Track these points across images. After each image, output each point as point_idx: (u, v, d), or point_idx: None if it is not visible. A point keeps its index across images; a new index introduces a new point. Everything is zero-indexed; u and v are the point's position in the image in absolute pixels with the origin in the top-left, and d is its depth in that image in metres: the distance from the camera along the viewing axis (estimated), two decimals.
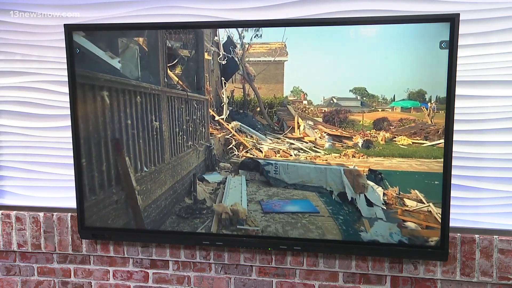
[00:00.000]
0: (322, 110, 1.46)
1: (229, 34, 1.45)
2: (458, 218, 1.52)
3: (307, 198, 1.49)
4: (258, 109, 1.50)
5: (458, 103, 1.41)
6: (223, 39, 1.45)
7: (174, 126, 1.51)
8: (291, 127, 1.50)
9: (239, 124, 1.52)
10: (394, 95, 1.41)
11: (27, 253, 1.79)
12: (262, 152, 1.52)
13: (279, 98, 1.48)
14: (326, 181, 1.47)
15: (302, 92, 1.46)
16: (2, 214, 1.76)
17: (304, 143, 1.50)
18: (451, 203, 1.40)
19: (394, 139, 1.43)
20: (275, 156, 1.51)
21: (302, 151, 1.50)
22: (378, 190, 1.44)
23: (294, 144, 1.51)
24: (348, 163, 1.47)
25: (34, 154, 1.78)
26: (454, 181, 1.45)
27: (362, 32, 1.38)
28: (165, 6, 1.59)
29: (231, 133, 1.52)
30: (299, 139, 1.50)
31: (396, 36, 1.35)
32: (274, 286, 1.64)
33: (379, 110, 1.43)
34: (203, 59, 1.48)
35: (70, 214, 1.71)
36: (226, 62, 1.47)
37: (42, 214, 1.73)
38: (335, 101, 1.46)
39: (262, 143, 1.52)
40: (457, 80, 1.35)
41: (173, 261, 1.70)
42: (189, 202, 1.55)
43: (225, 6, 1.56)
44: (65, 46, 1.52)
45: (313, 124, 1.49)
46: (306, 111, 1.48)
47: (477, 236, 1.47)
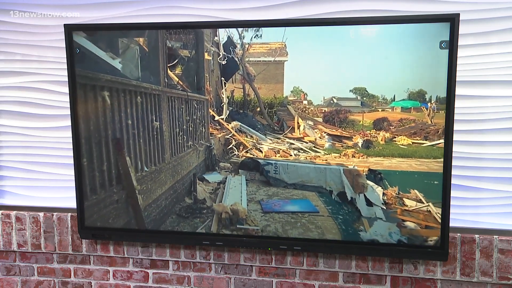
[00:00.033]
0: (322, 110, 1.47)
1: (229, 34, 1.46)
2: (458, 218, 1.54)
3: (307, 197, 1.51)
4: (258, 109, 1.51)
5: (458, 103, 1.42)
6: (223, 39, 1.46)
7: (174, 126, 1.53)
8: (291, 127, 1.51)
9: (239, 124, 1.53)
10: (394, 95, 1.42)
11: (27, 253, 1.80)
12: (262, 152, 1.53)
13: (279, 98, 1.49)
14: (326, 181, 1.49)
15: (302, 92, 1.47)
16: (2, 214, 1.77)
17: (304, 143, 1.51)
18: (451, 203, 1.41)
19: (394, 139, 1.44)
20: (275, 156, 1.52)
21: (302, 151, 1.51)
22: (378, 190, 1.45)
23: (294, 144, 1.52)
24: (348, 163, 1.48)
25: (34, 154, 1.79)
26: (454, 181, 1.46)
27: (362, 32, 1.38)
28: (165, 6, 1.61)
29: (231, 133, 1.54)
30: (299, 139, 1.52)
31: (396, 36, 1.36)
32: (274, 286, 1.66)
33: (379, 110, 1.44)
34: (203, 59, 1.49)
35: (70, 214, 1.73)
36: (226, 62, 1.49)
37: (42, 214, 1.75)
38: (335, 101, 1.47)
39: (262, 143, 1.53)
40: (457, 80, 1.36)
41: (173, 261, 1.71)
42: (189, 201, 1.56)
43: (225, 6, 1.58)
44: (65, 46, 1.53)
45: (313, 124, 1.50)
46: (306, 111, 1.49)
47: (477, 236, 1.48)
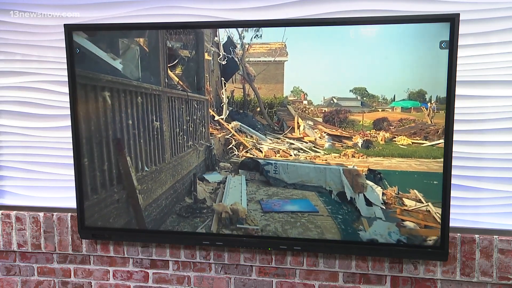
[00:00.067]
0: (322, 110, 1.49)
1: (229, 35, 1.48)
2: (458, 218, 1.56)
3: (307, 197, 1.53)
4: (258, 109, 1.53)
5: (458, 103, 1.44)
6: (223, 40, 1.48)
7: (174, 126, 1.55)
8: (291, 127, 1.53)
9: (239, 124, 1.55)
10: (394, 95, 1.43)
11: (27, 253, 1.83)
12: (262, 152, 1.55)
13: (279, 98, 1.51)
14: (326, 180, 1.51)
15: (302, 92, 1.49)
16: (2, 214, 1.80)
17: (304, 143, 1.54)
18: (451, 203, 1.43)
19: (394, 139, 1.46)
20: (275, 156, 1.55)
21: (302, 151, 1.53)
22: (377, 189, 1.47)
23: (294, 144, 1.54)
24: (347, 163, 1.50)
25: (34, 154, 1.82)
26: (454, 181, 1.48)
27: (362, 32, 1.40)
28: (165, 6, 1.63)
29: (231, 133, 1.57)
30: (299, 139, 1.54)
31: (396, 36, 1.38)
32: (274, 286, 1.68)
33: (379, 110, 1.46)
34: (203, 60, 1.51)
35: (70, 214, 1.75)
36: (226, 62, 1.51)
37: (42, 214, 1.77)
38: (335, 101, 1.49)
39: (262, 143, 1.55)
40: (457, 80, 1.37)
41: (173, 261, 1.73)
42: (189, 201, 1.59)
43: (225, 6, 1.60)
44: (65, 46, 1.55)
45: (313, 124, 1.52)
46: (306, 111, 1.52)
47: (477, 236, 1.50)
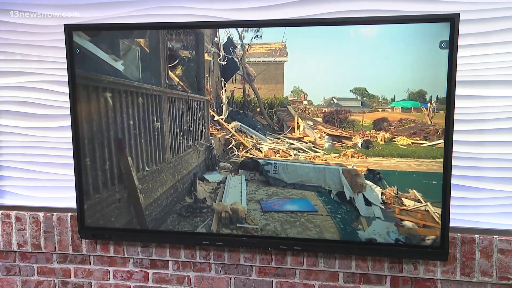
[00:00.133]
0: (322, 110, 1.53)
1: (229, 35, 1.52)
2: (458, 218, 1.60)
3: (306, 197, 1.57)
4: (258, 109, 1.58)
5: (458, 103, 1.48)
6: (223, 40, 1.53)
7: (175, 127, 1.60)
8: (291, 127, 1.58)
9: (239, 124, 1.60)
10: (394, 95, 1.47)
11: (27, 253, 1.88)
12: (261, 152, 1.60)
13: (279, 99, 1.56)
14: (325, 180, 1.55)
15: (302, 92, 1.53)
16: (2, 214, 1.85)
17: (303, 143, 1.58)
18: (451, 203, 1.46)
19: (394, 139, 1.51)
20: (275, 156, 1.59)
21: (301, 151, 1.58)
22: (377, 189, 1.51)
23: (293, 144, 1.59)
24: (347, 163, 1.55)
25: (34, 154, 1.86)
26: (454, 181, 1.51)
27: (362, 32, 1.44)
28: (165, 6, 1.67)
29: (231, 133, 1.62)
30: (299, 139, 1.58)
31: (396, 36, 1.42)
32: (274, 286, 1.73)
33: (379, 110, 1.49)
34: (204, 60, 1.56)
35: (70, 214, 1.80)
36: (226, 62, 1.55)
37: (42, 214, 1.82)
38: (335, 101, 1.53)
39: (262, 143, 1.60)
40: (457, 80, 1.41)
41: (173, 261, 1.78)
42: (189, 201, 1.63)
43: (225, 6, 1.64)
44: (65, 46, 1.60)
45: (313, 124, 1.57)
46: (306, 111, 1.56)
47: (477, 236, 1.54)
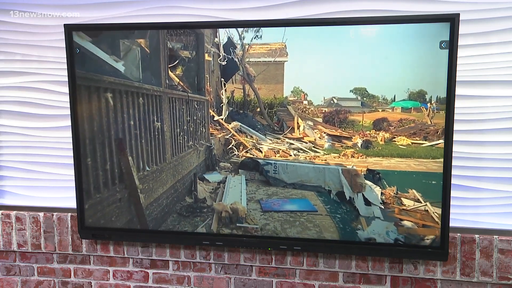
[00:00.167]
0: (322, 111, 1.56)
1: (229, 35, 1.54)
2: (458, 218, 1.62)
3: (306, 197, 1.60)
4: (258, 109, 1.60)
5: (458, 103, 1.50)
6: (224, 40, 1.55)
7: (175, 127, 1.62)
8: (291, 128, 1.60)
9: (239, 124, 1.62)
10: (394, 95, 1.49)
11: (27, 253, 1.90)
12: (261, 152, 1.62)
13: (279, 99, 1.58)
14: (325, 180, 1.58)
15: (302, 92, 1.56)
16: (2, 214, 1.87)
17: (303, 143, 1.60)
18: (451, 203, 1.49)
19: (394, 140, 1.53)
20: (275, 156, 1.61)
21: (301, 151, 1.60)
22: (376, 189, 1.54)
23: (293, 144, 1.61)
24: (346, 163, 1.57)
25: (34, 154, 1.89)
26: (454, 181, 1.54)
27: (362, 32, 1.46)
28: (165, 6, 1.70)
29: (231, 133, 1.65)
30: (299, 139, 1.61)
31: (396, 36, 1.44)
32: (274, 286, 1.75)
33: (380, 110, 1.52)
34: (204, 60, 1.58)
35: (70, 214, 1.82)
36: (226, 63, 1.57)
37: (42, 214, 1.85)
38: (336, 101, 1.56)
39: (262, 143, 1.62)
40: (457, 80, 1.43)
41: (173, 261, 1.81)
42: (189, 201, 1.66)
43: (225, 6, 1.67)
44: (65, 46, 1.62)
45: (312, 124, 1.60)
46: (306, 112, 1.59)
47: (477, 236, 1.56)
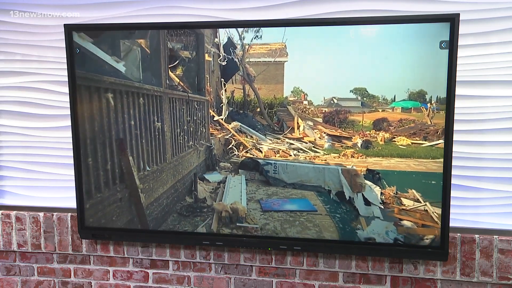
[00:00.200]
0: (322, 111, 1.58)
1: (229, 35, 1.56)
2: (458, 218, 1.64)
3: (306, 197, 1.62)
4: (258, 109, 1.62)
5: (458, 103, 1.52)
6: (224, 41, 1.57)
7: (175, 127, 1.65)
8: (291, 128, 1.63)
9: (239, 124, 1.64)
10: (394, 96, 1.51)
11: (27, 253, 1.93)
12: (261, 152, 1.65)
13: (279, 99, 1.60)
14: (325, 180, 1.60)
15: (303, 92, 1.58)
16: (2, 214, 1.90)
17: (303, 143, 1.63)
18: (451, 203, 1.51)
19: (394, 140, 1.55)
20: (275, 156, 1.64)
21: (301, 151, 1.63)
22: (376, 189, 1.56)
23: (293, 144, 1.64)
24: (346, 163, 1.59)
25: (34, 154, 1.91)
26: (454, 181, 1.56)
27: (362, 32, 1.48)
28: (165, 6, 1.72)
29: (231, 133, 1.67)
30: (299, 140, 1.63)
31: (396, 36, 1.46)
32: (274, 286, 1.78)
33: (380, 110, 1.54)
34: (204, 61, 1.60)
35: (70, 214, 1.85)
36: (226, 63, 1.60)
37: (42, 214, 1.87)
38: (336, 101, 1.58)
39: (262, 143, 1.65)
40: (457, 80, 1.45)
41: (173, 261, 1.83)
42: (190, 200, 1.68)
43: (225, 6, 1.69)
44: (65, 46, 1.64)
45: (312, 124, 1.62)
46: (306, 112, 1.61)
47: (477, 236, 1.59)
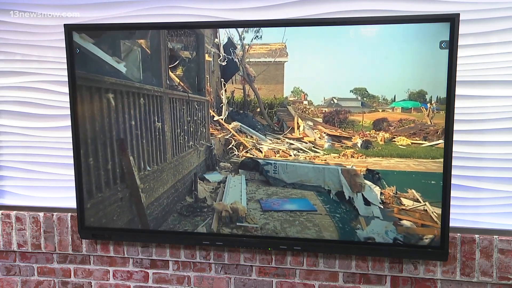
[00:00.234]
0: (323, 111, 1.60)
1: (229, 36, 1.58)
2: (458, 218, 1.66)
3: (305, 197, 1.64)
4: (258, 109, 1.64)
5: (458, 103, 1.54)
6: (224, 41, 1.59)
7: (175, 127, 1.67)
8: (291, 128, 1.65)
9: (239, 124, 1.66)
10: (394, 96, 1.53)
11: (27, 253, 1.95)
12: (261, 152, 1.67)
13: (279, 99, 1.62)
14: (324, 180, 1.62)
15: (303, 92, 1.60)
16: (2, 214, 1.92)
17: (303, 144, 1.65)
18: (451, 203, 1.53)
19: (393, 140, 1.57)
20: (275, 156, 1.66)
21: (301, 151, 1.65)
22: (376, 189, 1.58)
23: (293, 144, 1.66)
24: (346, 163, 1.62)
25: (34, 154, 1.94)
26: (454, 181, 1.58)
27: (362, 32, 1.50)
28: (165, 6, 1.74)
29: (231, 133, 1.69)
30: (299, 140, 1.65)
31: (396, 36, 1.48)
32: (274, 286, 1.80)
33: (380, 110, 1.56)
34: (204, 61, 1.63)
35: (70, 214, 1.87)
36: (226, 63, 1.62)
37: (42, 214, 1.90)
38: (336, 101, 1.60)
39: (262, 143, 1.67)
40: (457, 80, 1.47)
41: (173, 261, 1.85)
42: (190, 200, 1.71)
43: (225, 6, 1.71)
44: (65, 46, 1.67)
45: (312, 124, 1.64)
46: (306, 112, 1.63)
47: (477, 236, 1.61)
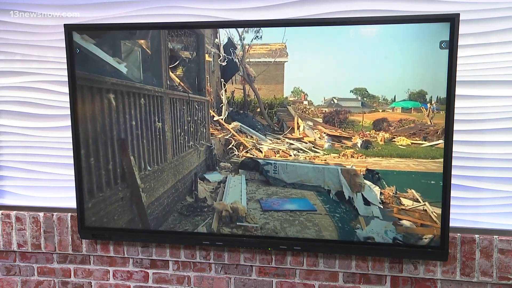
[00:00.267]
0: (323, 111, 1.62)
1: (229, 36, 1.60)
2: (458, 218, 1.68)
3: (305, 197, 1.66)
4: (258, 109, 1.67)
5: (458, 103, 1.55)
6: (224, 41, 1.61)
7: (176, 127, 1.69)
8: (291, 128, 1.67)
9: (239, 124, 1.69)
10: (394, 96, 1.55)
11: (27, 253, 1.97)
12: (261, 152, 1.69)
13: (279, 99, 1.64)
14: (324, 180, 1.64)
15: (303, 92, 1.62)
16: (2, 214, 1.94)
17: (303, 144, 1.67)
18: (451, 203, 1.55)
19: (393, 140, 1.60)
20: (275, 156, 1.68)
21: (301, 151, 1.67)
22: (375, 189, 1.60)
23: (293, 144, 1.68)
24: (346, 163, 1.64)
25: (34, 154, 1.96)
26: (454, 181, 1.60)
27: (362, 32, 1.52)
28: (165, 6, 1.76)
29: (231, 133, 1.72)
30: (299, 140, 1.67)
31: (396, 36, 1.49)
32: (274, 286, 1.82)
33: (380, 110, 1.57)
34: (204, 61, 1.65)
35: (70, 214, 1.89)
36: (226, 63, 1.64)
37: (42, 214, 1.92)
38: (336, 101, 1.62)
39: (262, 143, 1.69)
40: (457, 80, 1.49)
41: (173, 261, 1.87)
42: (190, 200, 1.73)
43: (225, 6, 1.73)
44: (65, 46, 1.69)
45: (312, 124, 1.67)
46: (306, 112, 1.65)
47: (477, 236, 1.62)
